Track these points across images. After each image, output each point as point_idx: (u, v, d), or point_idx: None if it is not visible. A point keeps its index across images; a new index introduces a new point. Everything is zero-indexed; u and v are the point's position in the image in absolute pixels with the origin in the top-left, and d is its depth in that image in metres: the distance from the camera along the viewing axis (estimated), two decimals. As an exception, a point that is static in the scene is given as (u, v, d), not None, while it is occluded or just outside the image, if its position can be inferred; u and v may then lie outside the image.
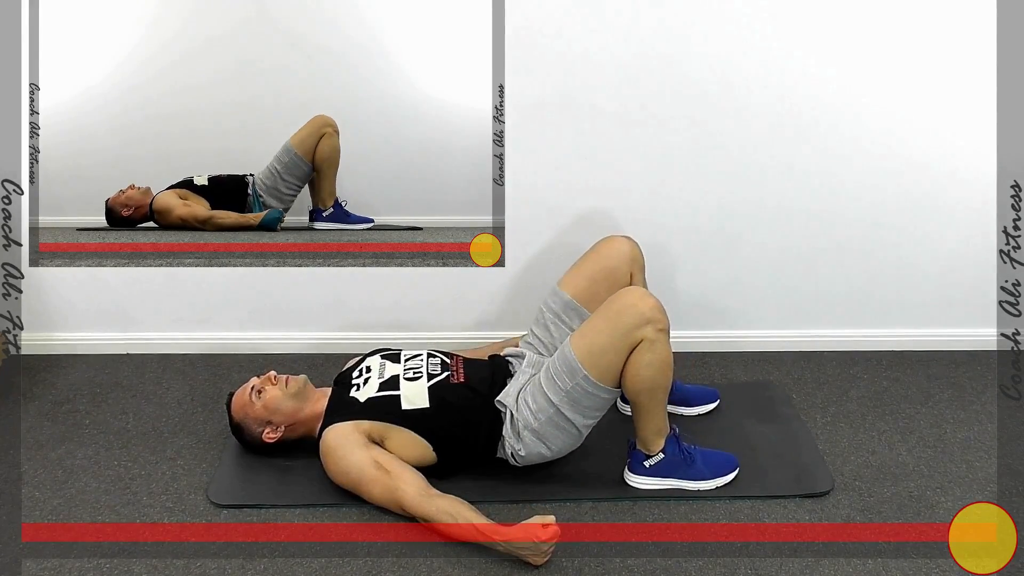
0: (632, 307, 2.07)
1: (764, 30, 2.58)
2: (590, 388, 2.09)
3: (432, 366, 2.27)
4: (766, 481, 2.22)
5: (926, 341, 2.89)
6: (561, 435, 2.15)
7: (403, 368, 2.27)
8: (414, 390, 2.21)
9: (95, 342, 2.88)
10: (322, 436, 2.18)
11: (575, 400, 2.11)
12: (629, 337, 2.05)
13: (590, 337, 2.10)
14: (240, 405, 2.29)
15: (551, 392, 2.12)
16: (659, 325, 2.06)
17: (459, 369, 2.27)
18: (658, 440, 2.18)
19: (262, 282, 2.83)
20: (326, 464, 2.16)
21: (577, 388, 2.09)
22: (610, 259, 2.37)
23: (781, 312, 2.88)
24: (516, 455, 2.18)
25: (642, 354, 2.06)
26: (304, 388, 2.29)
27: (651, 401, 2.12)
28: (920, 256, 2.82)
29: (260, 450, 2.30)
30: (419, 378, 2.24)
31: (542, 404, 2.13)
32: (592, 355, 2.07)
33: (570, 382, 2.09)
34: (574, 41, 2.58)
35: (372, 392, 2.22)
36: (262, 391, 2.26)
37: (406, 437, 2.16)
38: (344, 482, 2.13)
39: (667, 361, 2.10)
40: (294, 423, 2.27)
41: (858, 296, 2.86)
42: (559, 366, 2.12)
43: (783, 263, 2.81)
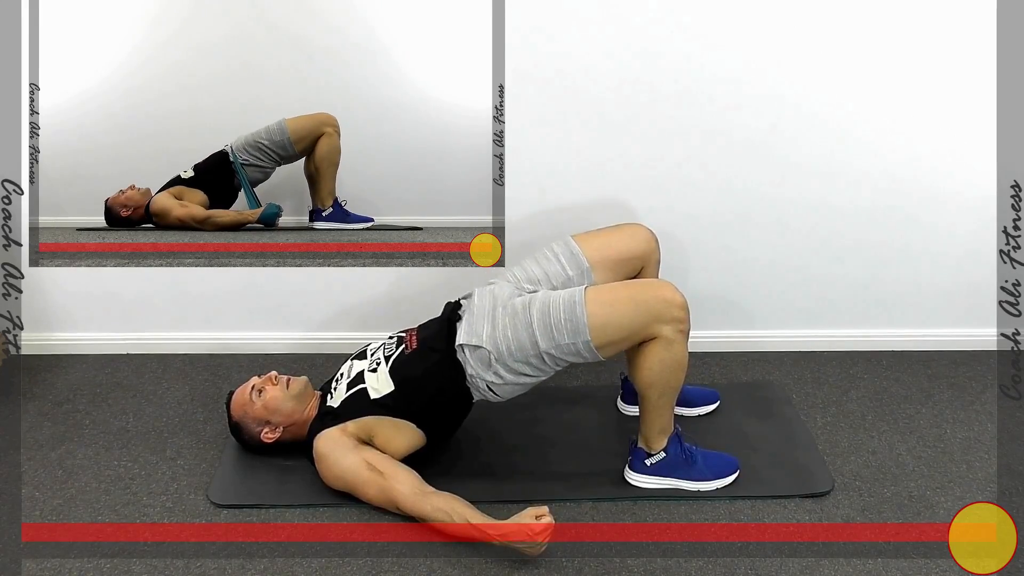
0: (664, 301, 2.04)
1: (766, 30, 2.57)
2: (584, 351, 2.07)
3: (388, 348, 2.26)
4: (766, 481, 2.22)
5: (926, 341, 2.89)
6: (531, 371, 2.13)
7: (368, 362, 2.26)
8: (378, 379, 2.20)
9: (95, 342, 2.88)
10: (313, 444, 2.19)
11: (564, 353, 2.09)
12: (649, 328, 2.03)
13: (609, 310, 2.06)
14: (240, 404, 2.29)
15: (543, 338, 2.08)
16: (681, 326, 2.05)
17: (412, 337, 2.25)
18: (661, 439, 2.17)
19: (262, 282, 2.82)
20: (320, 471, 2.17)
21: (572, 346, 2.07)
22: (632, 242, 2.34)
23: (781, 312, 2.88)
24: (492, 387, 2.15)
25: (657, 351, 2.04)
26: (305, 390, 2.29)
27: (660, 399, 2.11)
28: (920, 256, 2.81)
29: (258, 450, 2.30)
30: (379, 365, 2.23)
31: (524, 343, 2.09)
32: (605, 328, 2.04)
33: (568, 339, 2.06)
34: (574, 41, 2.58)
35: (343, 395, 2.23)
36: (263, 391, 2.26)
37: (388, 426, 2.16)
38: (340, 487, 2.14)
39: (682, 363, 2.08)
40: (293, 424, 2.27)
41: (858, 296, 2.86)
42: (562, 317, 2.06)
43: (783, 263, 2.81)
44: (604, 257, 2.30)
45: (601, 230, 2.39)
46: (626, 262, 2.33)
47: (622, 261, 2.32)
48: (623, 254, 2.33)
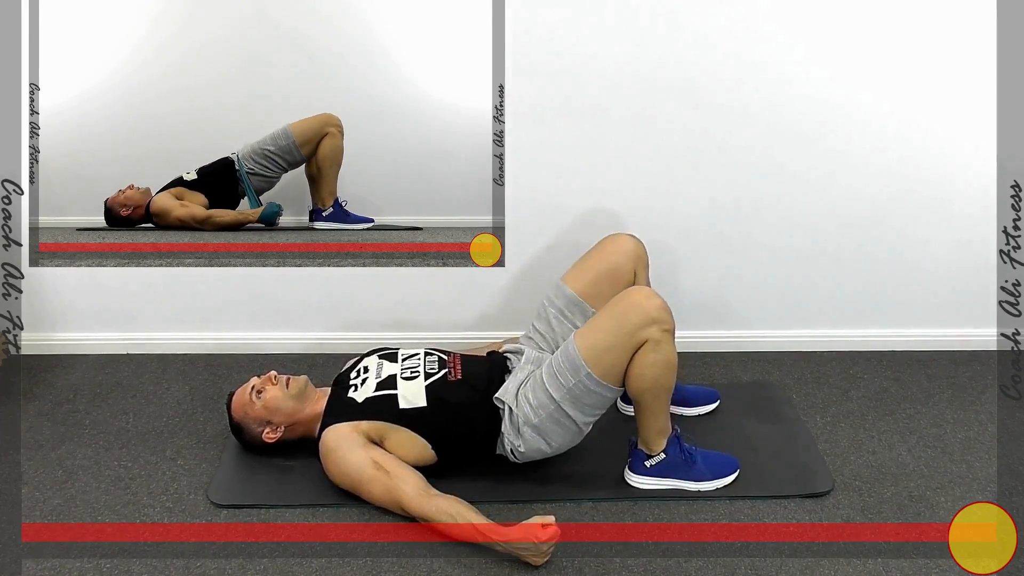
0: (638, 306, 2.06)
1: (763, 30, 2.57)
2: (592, 386, 2.08)
3: (429, 364, 2.27)
4: (766, 481, 2.22)
5: (926, 341, 2.89)
6: (561, 431, 2.15)
7: (400, 367, 2.27)
8: (411, 389, 2.20)
9: (95, 342, 2.88)
10: (321, 437, 2.18)
11: (576, 397, 2.10)
12: (634, 337, 2.05)
13: (595, 335, 2.10)
14: (240, 405, 2.28)
15: (553, 388, 2.11)
16: (664, 325, 2.06)
17: (456, 366, 2.27)
18: (660, 440, 2.18)
19: (262, 282, 2.82)
20: (326, 465, 2.16)
21: (579, 385, 2.09)
22: (615, 256, 2.36)
23: (781, 312, 2.87)
24: (516, 451, 2.18)
25: (646, 354, 2.05)
26: (305, 389, 2.29)
27: (655, 401, 2.11)
28: (920, 256, 2.81)
29: (260, 450, 2.30)
30: (416, 377, 2.23)
31: (543, 400, 2.13)
32: (596, 353, 2.07)
33: (573, 379, 2.09)
34: (574, 41, 2.58)
35: (370, 392, 2.22)
36: (262, 391, 2.26)
37: (404, 436, 2.16)
38: (344, 482, 2.13)
39: (671, 362, 2.09)
40: (294, 423, 2.26)
41: (858, 296, 2.86)
42: (562, 362, 2.11)
43: (783, 263, 2.81)
44: (592, 281, 2.33)
45: (584, 256, 2.40)
46: (615, 277, 2.34)
47: (611, 278, 2.33)
48: (611, 271, 2.34)
